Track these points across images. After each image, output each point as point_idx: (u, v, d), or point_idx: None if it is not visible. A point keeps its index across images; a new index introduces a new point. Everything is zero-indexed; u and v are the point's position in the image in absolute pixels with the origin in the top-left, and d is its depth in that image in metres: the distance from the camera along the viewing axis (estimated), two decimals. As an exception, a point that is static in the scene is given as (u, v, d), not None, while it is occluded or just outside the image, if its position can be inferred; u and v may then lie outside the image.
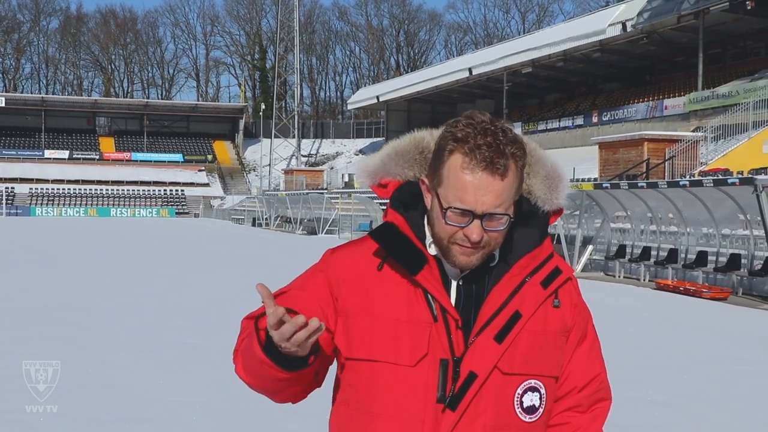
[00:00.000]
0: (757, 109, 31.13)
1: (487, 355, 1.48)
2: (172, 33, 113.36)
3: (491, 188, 1.44)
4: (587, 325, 1.64)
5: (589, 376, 1.61)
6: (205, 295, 14.03)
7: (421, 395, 1.48)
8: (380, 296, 1.52)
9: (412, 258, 1.51)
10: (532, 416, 1.52)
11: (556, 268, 1.57)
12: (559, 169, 1.59)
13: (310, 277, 1.63)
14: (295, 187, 63.01)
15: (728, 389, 7.72)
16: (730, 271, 16.05)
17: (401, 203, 1.56)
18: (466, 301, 1.51)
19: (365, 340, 1.52)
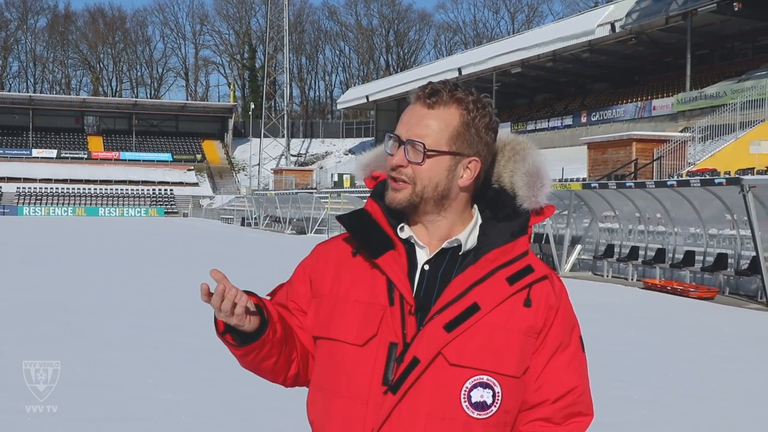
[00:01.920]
0: (744, 109, 31.33)
1: (433, 342, 1.47)
2: (161, 32, 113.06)
3: (418, 116, 1.53)
4: (571, 334, 1.59)
5: (566, 388, 1.56)
6: (196, 295, 13.97)
7: (368, 376, 1.50)
8: (348, 279, 1.57)
9: (376, 243, 1.54)
10: (481, 413, 1.49)
11: (528, 266, 1.54)
12: (540, 167, 1.60)
13: (297, 269, 1.71)
14: (284, 186, 62.94)
15: (715, 387, 7.80)
16: (717, 271, 16.16)
17: (380, 194, 1.60)
18: (428, 287, 1.52)
19: (326, 319, 1.57)
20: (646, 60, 48.15)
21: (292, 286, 1.69)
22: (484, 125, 1.54)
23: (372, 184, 1.66)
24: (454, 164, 1.53)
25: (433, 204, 1.54)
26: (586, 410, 1.59)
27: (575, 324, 1.62)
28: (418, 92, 1.55)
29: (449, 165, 1.53)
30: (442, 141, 1.51)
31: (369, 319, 1.51)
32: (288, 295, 1.67)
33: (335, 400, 1.53)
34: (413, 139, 1.51)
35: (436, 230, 1.56)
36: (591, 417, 1.60)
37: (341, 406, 1.52)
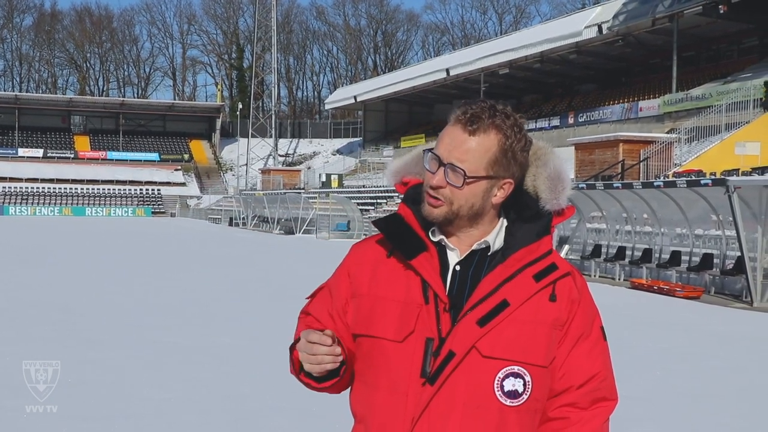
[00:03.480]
0: (730, 111, 31.58)
1: (467, 336, 1.58)
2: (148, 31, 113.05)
3: (460, 142, 1.61)
4: (592, 324, 1.70)
5: (588, 374, 1.67)
6: (187, 295, 14.07)
7: (407, 369, 1.60)
8: (384, 279, 1.67)
9: (410, 245, 1.64)
10: (514, 401, 1.59)
11: (552, 264, 1.65)
12: (561, 171, 1.71)
13: (335, 274, 1.81)
14: (272, 186, 62.92)
15: (702, 384, 7.94)
16: (703, 271, 16.34)
17: (412, 199, 1.70)
18: (460, 286, 1.63)
19: (366, 318, 1.67)
20: (632, 61, 48.47)
21: (335, 291, 1.77)
22: (520, 148, 1.64)
23: (403, 190, 1.75)
24: (489, 186, 1.63)
25: (466, 219, 1.65)
26: (610, 395, 1.70)
27: (596, 315, 1.73)
28: (458, 115, 1.63)
29: (486, 188, 1.63)
30: (481, 167, 1.61)
31: (406, 317, 1.61)
32: (334, 303, 1.76)
33: (376, 392, 1.64)
34: (454, 164, 1.60)
35: (468, 238, 1.67)
36: (615, 401, 1.71)
37: (382, 398, 1.63)
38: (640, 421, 6.33)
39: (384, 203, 46.46)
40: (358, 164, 69.16)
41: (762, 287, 14.35)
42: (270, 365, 8.18)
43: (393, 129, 73.89)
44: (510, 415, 1.60)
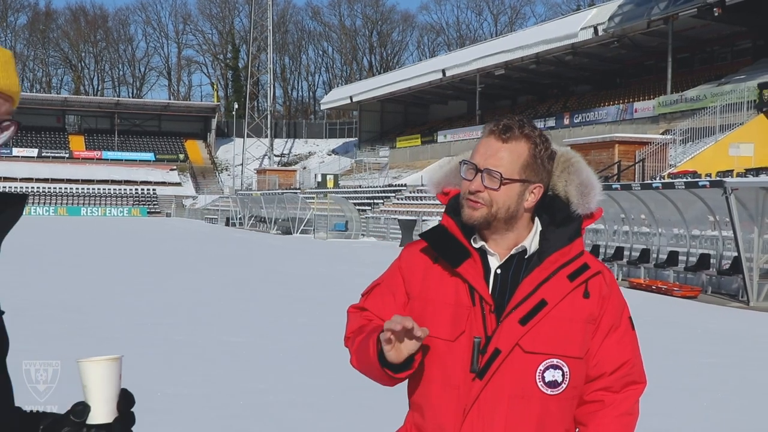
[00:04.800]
0: (724, 113, 31.86)
1: (511, 335, 1.75)
2: (143, 31, 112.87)
3: (494, 149, 1.79)
4: (621, 316, 1.88)
5: (620, 361, 1.85)
6: (192, 294, 14.23)
7: (458, 365, 1.78)
8: (434, 284, 1.85)
9: (456, 253, 1.83)
10: (554, 390, 1.77)
11: (585, 264, 1.82)
12: (592, 178, 1.88)
13: (390, 273, 1.99)
14: (267, 186, 63.04)
15: (699, 381, 8.16)
16: (700, 271, 16.58)
17: (453, 210, 1.88)
18: (502, 288, 1.81)
19: (419, 318, 1.81)
20: (628, 63, 48.75)
21: (396, 290, 1.93)
22: (547, 156, 1.83)
23: (444, 200, 1.93)
24: (522, 190, 1.81)
25: (503, 222, 1.81)
26: (640, 379, 1.90)
27: (624, 307, 1.90)
28: (492, 127, 1.82)
29: (519, 191, 1.80)
30: (515, 171, 1.79)
31: (458, 319, 1.79)
32: (396, 301, 1.92)
33: (431, 385, 1.82)
34: (490, 168, 1.78)
35: (505, 242, 1.84)
36: (644, 384, 1.91)
37: (436, 391, 1.81)
38: (644, 416, 6.54)
39: (381, 203, 46.64)
40: (353, 164, 69.31)
41: (758, 287, 14.60)
42: (283, 362, 8.36)
43: (388, 129, 74.06)
44: (551, 403, 1.77)
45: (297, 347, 9.33)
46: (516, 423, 1.76)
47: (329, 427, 6.08)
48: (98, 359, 1.24)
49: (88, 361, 1.24)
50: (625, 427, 1.85)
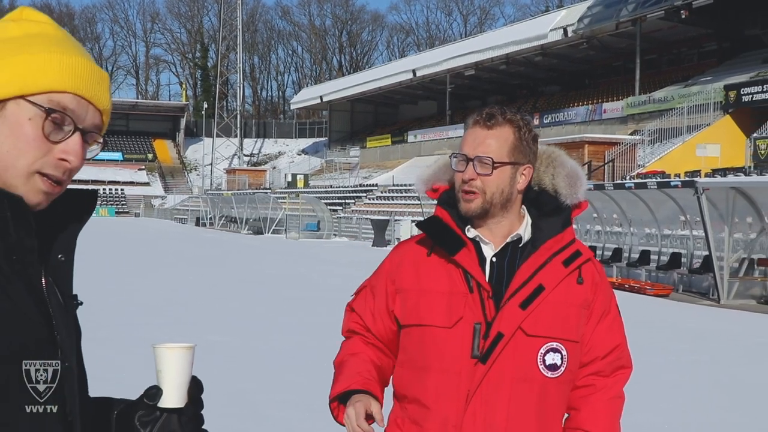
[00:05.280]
0: (691, 113, 32.41)
1: (513, 318, 1.80)
2: (110, 29, 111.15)
3: (481, 137, 1.85)
4: (610, 302, 1.95)
5: (610, 346, 1.93)
6: (169, 295, 14.18)
7: (458, 351, 1.81)
8: (428, 274, 1.90)
9: (451, 242, 1.87)
10: (554, 372, 1.82)
11: (577, 251, 1.90)
12: (578, 169, 1.97)
13: (377, 274, 2.05)
14: (237, 186, 62.79)
15: (679, 377, 8.36)
16: (671, 270, 16.88)
17: (446, 202, 1.93)
18: (498, 275, 1.86)
19: (415, 310, 1.88)
20: (596, 64, 49.28)
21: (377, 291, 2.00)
22: (531, 138, 1.90)
23: (433, 195, 1.99)
24: (514, 172, 1.87)
25: (499, 207, 1.86)
26: (628, 363, 1.99)
27: (612, 294, 2.00)
28: (476, 117, 1.89)
29: (511, 173, 1.86)
30: (504, 154, 1.85)
31: (454, 305, 1.83)
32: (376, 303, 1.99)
33: (429, 374, 1.84)
34: (480, 155, 1.84)
35: (499, 229, 1.89)
36: (631, 369, 2.01)
37: (435, 378, 1.83)
38: (630, 412, 6.69)
39: (352, 203, 46.69)
40: (323, 164, 69.25)
41: (729, 285, 14.90)
42: (265, 361, 8.41)
43: (359, 129, 74.10)
44: (550, 386, 1.83)
45: (281, 346, 9.38)
46: (518, 406, 1.80)
47: (320, 426, 6.16)
48: (174, 346, 1.30)
49: (164, 347, 1.30)
50: (615, 409, 1.94)
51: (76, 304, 1.27)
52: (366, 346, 1.97)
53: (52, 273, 1.19)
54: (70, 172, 1.17)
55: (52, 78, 1.14)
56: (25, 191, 1.13)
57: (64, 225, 1.22)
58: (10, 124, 1.13)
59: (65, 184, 1.18)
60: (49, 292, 1.17)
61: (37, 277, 1.15)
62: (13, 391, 1.10)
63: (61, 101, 1.14)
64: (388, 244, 31.95)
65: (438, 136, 55.62)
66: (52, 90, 1.14)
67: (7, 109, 1.13)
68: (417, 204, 32.20)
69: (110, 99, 1.24)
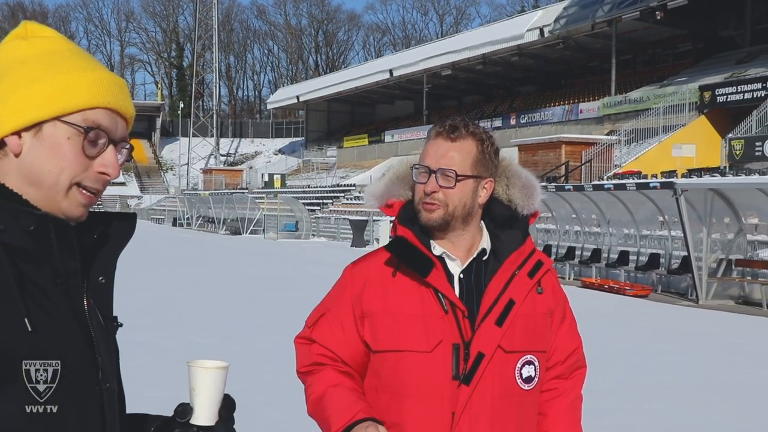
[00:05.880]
0: (667, 114, 32.69)
1: (491, 337, 1.79)
2: (85, 28, 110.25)
3: (444, 149, 1.83)
4: (565, 307, 1.99)
5: (570, 349, 1.98)
6: (150, 295, 14.08)
7: (438, 375, 1.78)
8: (397, 297, 1.84)
9: (421, 263, 1.82)
10: (529, 385, 1.85)
11: (539, 261, 1.90)
12: (532, 179, 1.96)
13: (337, 299, 1.95)
14: (214, 186, 62.51)
15: (662, 377, 8.43)
16: (650, 270, 17.04)
17: (407, 219, 1.89)
18: (468, 292, 1.84)
19: (389, 334, 1.83)
20: (572, 64, 49.59)
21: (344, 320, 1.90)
22: (494, 151, 1.88)
23: (389, 211, 1.94)
24: (476, 186, 1.85)
25: (461, 221, 1.84)
26: (584, 364, 2.04)
27: (566, 298, 2.02)
28: (438, 129, 1.86)
29: (473, 187, 1.84)
30: (467, 167, 1.83)
31: (431, 328, 1.80)
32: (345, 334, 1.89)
33: (407, 399, 1.81)
34: (444, 167, 1.82)
35: (462, 243, 1.87)
36: (586, 368, 2.05)
37: (415, 404, 1.80)
38: (614, 412, 6.76)
39: (330, 203, 46.66)
40: (300, 164, 69.13)
41: (707, 286, 15.06)
42: (254, 362, 8.39)
43: (335, 129, 74.01)
44: (527, 398, 1.86)
45: (265, 348, 9.36)
46: (500, 422, 1.81)
47: (303, 426, 6.15)
48: (210, 366, 1.30)
49: (200, 367, 1.30)
50: (577, 410, 2.00)
51: (116, 325, 1.29)
52: (342, 376, 1.89)
53: (93, 295, 1.22)
54: (106, 182, 1.20)
55: (84, 97, 1.17)
56: (67, 206, 1.17)
57: (104, 248, 1.25)
58: (49, 145, 1.15)
59: (101, 194, 1.22)
60: (90, 313, 1.19)
61: (79, 299, 1.18)
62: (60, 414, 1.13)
63: (96, 118, 1.17)
64: (367, 245, 31.97)
65: (415, 135, 55.69)
66: (85, 108, 1.17)
67: (44, 131, 1.15)
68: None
69: (133, 104, 1.26)
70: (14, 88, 1.15)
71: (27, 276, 1.10)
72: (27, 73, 1.16)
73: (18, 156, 1.15)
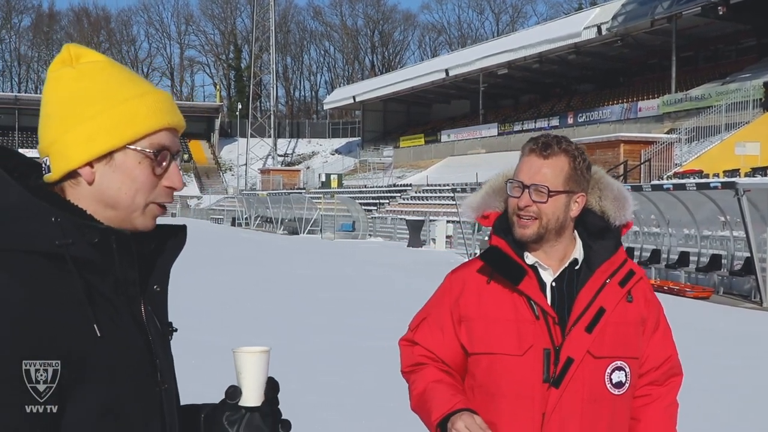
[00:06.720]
0: (729, 111, 31.94)
1: (580, 343, 1.89)
2: (146, 32, 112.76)
3: (537, 166, 1.92)
4: (659, 315, 2.06)
5: (663, 356, 2.04)
6: (209, 295, 14.34)
7: (529, 378, 1.90)
8: (491, 303, 1.96)
9: (514, 272, 1.94)
10: (620, 390, 1.93)
11: (631, 271, 1.99)
12: (624, 191, 2.06)
13: (437, 304, 2.09)
14: (271, 186, 63.17)
15: (715, 382, 8.30)
16: (711, 271, 16.70)
17: (502, 230, 2.00)
18: (559, 300, 1.94)
19: (484, 338, 1.95)
20: (631, 62, 48.86)
21: (444, 326, 2.04)
22: (585, 167, 1.97)
23: (485, 222, 2.06)
24: (568, 200, 1.94)
25: (554, 233, 1.94)
26: (679, 371, 2.11)
27: (661, 307, 2.10)
28: (531, 146, 1.96)
29: (565, 201, 1.94)
30: (559, 183, 1.92)
31: (523, 333, 1.91)
32: (445, 338, 2.03)
33: (501, 399, 1.93)
34: (537, 183, 1.91)
35: (554, 253, 1.97)
36: (682, 376, 2.11)
37: (508, 404, 1.92)
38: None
39: (386, 203, 46.81)
40: (357, 164, 69.45)
41: (771, 287, 14.72)
42: (304, 363, 8.51)
43: (391, 129, 74.19)
44: (618, 403, 1.94)
45: (320, 348, 9.47)
46: (590, 426, 1.90)
47: (356, 427, 6.24)
48: (253, 351, 1.38)
49: (244, 352, 1.38)
50: (671, 417, 2.06)
51: (171, 330, 1.38)
52: (442, 373, 2.02)
53: (150, 302, 1.30)
54: (173, 194, 1.30)
55: (148, 122, 1.25)
56: (143, 221, 1.26)
57: (159, 259, 1.34)
58: (122, 171, 1.23)
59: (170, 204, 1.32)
60: (148, 320, 1.28)
61: (137, 306, 1.26)
62: (125, 413, 1.20)
63: (160, 141, 1.26)
64: (423, 245, 31.99)
65: (471, 135, 55.55)
66: (149, 133, 1.25)
67: (115, 159, 1.23)
68: (452, 204, 32.19)
69: (181, 115, 1.35)
70: (79, 121, 1.22)
71: (94, 286, 1.18)
72: (88, 104, 1.23)
73: (91, 183, 1.23)
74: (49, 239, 1.16)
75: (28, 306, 1.11)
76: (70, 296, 1.15)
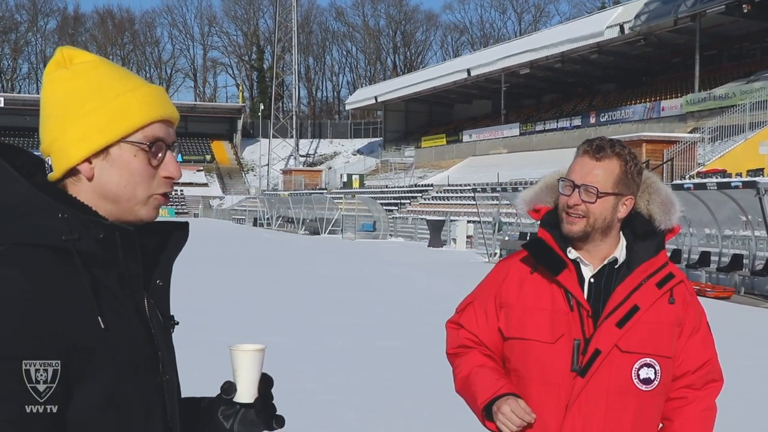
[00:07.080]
0: (754, 110, 31.62)
1: (609, 336, 1.96)
2: (169, 33, 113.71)
3: (589, 167, 1.98)
4: (701, 319, 2.10)
5: (701, 360, 2.07)
6: (228, 294, 14.44)
7: (558, 365, 1.98)
8: (531, 291, 2.05)
9: (554, 263, 2.02)
10: (647, 386, 1.98)
11: (670, 273, 2.04)
12: (672, 196, 2.11)
13: (484, 289, 2.21)
14: (293, 187, 63.35)
15: (735, 382, 8.23)
16: (733, 271, 16.57)
17: (549, 224, 2.08)
18: (596, 295, 2.01)
19: (519, 324, 2.05)
20: (654, 61, 48.52)
21: (488, 310, 2.15)
22: (636, 171, 2.03)
23: (535, 216, 2.14)
24: (616, 202, 2.00)
25: (600, 233, 2.01)
26: (719, 377, 2.13)
27: (703, 312, 2.14)
28: (585, 147, 2.03)
29: (613, 203, 2.00)
30: (609, 185, 1.98)
31: (556, 323, 2.00)
32: (488, 322, 2.14)
33: (530, 384, 2.02)
34: (587, 184, 1.98)
35: (597, 252, 2.04)
36: (722, 382, 2.14)
37: (536, 389, 2.00)
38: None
39: (408, 203, 46.80)
40: (378, 164, 69.49)
41: (793, 287, 14.59)
42: (320, 362, 8.55)
43: (413, 129, 74.18)
44: (645, 399, 1.99)
45: (335, 347, 9.51)
46: (614, 417, 1.96)
47: (376, 425, 6.27)
48: (248, 349, 1.43)
49: (239, 350, 1.43)
50: (706, 421, 2.08)
51: (173, 323, 1.43)
52: (487, 359, 2.12)
53: (153, 296, 1.35)
54: (173, 183, 1.34)
55: (140, 115, 1.28)
56: (146, 212, 1.31)
57: (162, 254, 1.38)
58: (119, 165, 1.28)
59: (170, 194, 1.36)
60: (151, 313, 1.32)
61: (141, 299, 1.30)
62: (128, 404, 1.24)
63: (154, 133, 1.30)
64: (444, 245, 31.97)
65: (493, 135, 55.40)
66: (143, 125, 1.29)
67: (111, 153, 1.28)
68: (472, 204, 32.13)
69: (175, 107, 1.39)
70: (75, 119, 1.26)
71: (99, 280, 1.23)
72: (82, 103, 1.27)
73: (91, 179, 1.27)
74: (57, 234, 1.20)
75: (33, 304, 1.14)
76: (75, 290, 1.19)
